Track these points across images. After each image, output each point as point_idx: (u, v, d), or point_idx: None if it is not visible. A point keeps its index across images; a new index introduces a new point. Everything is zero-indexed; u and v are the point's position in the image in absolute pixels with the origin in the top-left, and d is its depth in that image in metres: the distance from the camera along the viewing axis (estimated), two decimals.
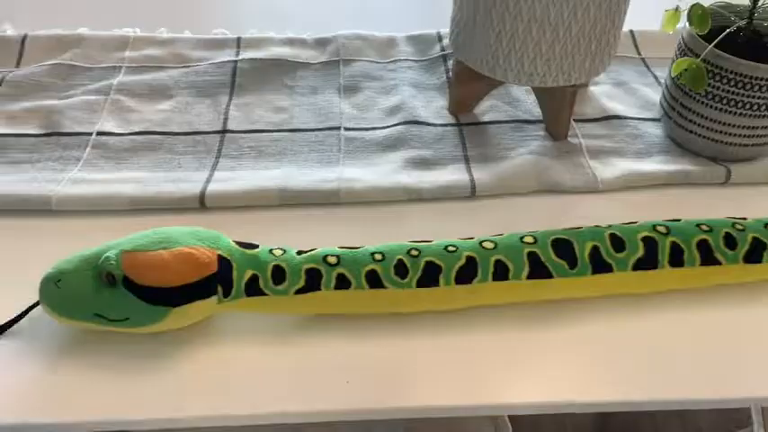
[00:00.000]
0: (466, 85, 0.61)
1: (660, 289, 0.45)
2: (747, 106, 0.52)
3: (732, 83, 0.52)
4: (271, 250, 0.43)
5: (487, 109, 0.63)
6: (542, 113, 0.61)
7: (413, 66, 0.68)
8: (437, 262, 0.43)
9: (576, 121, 0.61)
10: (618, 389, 0.41)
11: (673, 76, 0.54)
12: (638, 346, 0.44)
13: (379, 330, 0.44)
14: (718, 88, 0.52)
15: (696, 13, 0.51)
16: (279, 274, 0.42)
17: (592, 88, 0.66)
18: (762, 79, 0.51)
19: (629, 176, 0.55)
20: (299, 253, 0.43)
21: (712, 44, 0.51)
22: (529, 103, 0.63)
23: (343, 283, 0.42)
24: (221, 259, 0.41)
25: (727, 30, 0.53)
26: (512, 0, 0.51)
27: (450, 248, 0.43)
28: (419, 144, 0.58)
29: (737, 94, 0.52)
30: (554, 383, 0.41)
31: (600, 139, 0.59)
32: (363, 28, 0.72)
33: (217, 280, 0.40)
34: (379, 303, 0.43)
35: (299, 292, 0.41)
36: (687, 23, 0.54)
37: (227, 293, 0.41)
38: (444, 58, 0.69)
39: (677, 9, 0.57)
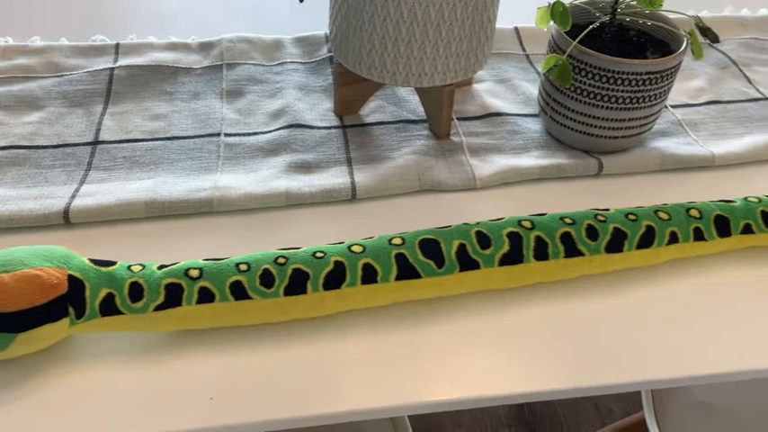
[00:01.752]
0: (350, 86, 0.61)
1: (528, 282, 0.46)
2: (613, 100, 0.54)
3: (597, 78, 0.53)
4: (129, 266, 0.41)
5: (373, 110, 0.63)
6: (425, 113, 0.61)
7: (299, 68, 0.67)
8: (305, 269, 0.42)
9: (458, 119, 0.62)
10: (511, 382, 0.42)
11: (542, 72, 0.55)
12: (525, 338, 0.44)
13: (246, 342, 0.43)
14: (584, 83, 0.54)
15: (558, 11, 0.52)
16: (136, 292, 0.40)
17: (475, 86, 0.67)
18: (624, 73, 0.53)
19: (505, 173, 0.56)
20: (162, 267, 0.42)
21: (576, 40, 0.53)
22: (414, 103, 0.64)
23: (206, 296, 0.41)
24: (72, 279, 0.39)
25: (591, 26, 0.54)
26: (379, 2, 0.51)
27: (319, 254, 0.43)
28: (302, 148, 0.58)
29: (602, 88, 0.53)
30: (431, 383, 0.42)
31: (481, 137, 0.60)
32: (256, 30, 0.71)
33: (68, 301, 0.39)
34: (245, 315, 0.42)
35: (158, 308, 0.40)
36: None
37: (79, 315, 0.39)
38: (331, 59, 0.68)
39: (548, 6, 0.59)
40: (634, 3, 0.57)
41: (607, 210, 0.48)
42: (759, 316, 0.46)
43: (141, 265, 0.42)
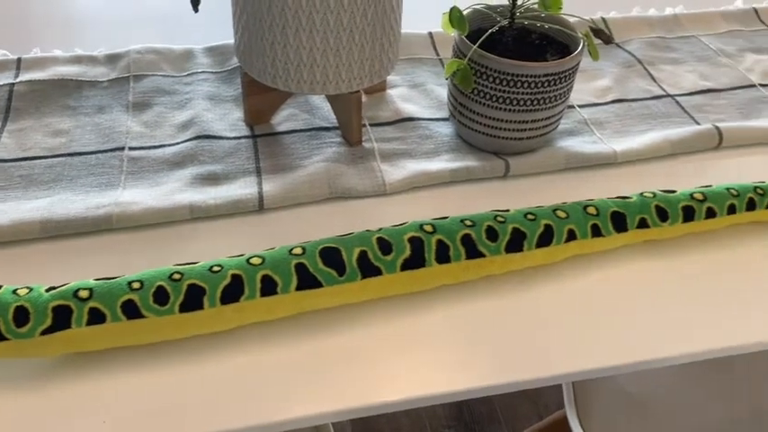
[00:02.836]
0: (258, 96, 0.60)
1: (432, 286, 0.47)
2: (514, 102, 0.55)
3: (497, 81, 0.54)
4: (15, 290, 0.40)
5: (285, 118, 0.62)
6: (337, 120, 0.61)
7: (210, 78, 0.66)
8: (201, 284, 0.41)
9: (371, 125, 0.62)
10: (422, 384, 0.42)
11: (445, 77, 0.56)
12: (434, 340, 0.45)
13: (146, 361, 0.42)
14: (486, 87, 0.55)
15: (455, 16, 0.53)
16: (22, 316, 0.39)
17: (389, 91, 0.67)
18: (523, 76, 0.54)
19: (415, 177, 0.56)
20: (51, 290, 0.40)
21: (476, 45, 0.54)
22: (326, 110, 0.64)
23: (96, 317, 0.40)
24: None
25: (490, 30, 0.55)
26: (276, 9, 0.51)
27: (216, 268, 0.42)
28: (209, 159, 0.57)
29: (503, 91, 0.54)
30: (342, 389, 0.42)
31: (392, 142, 0.60)
32: (169, 41, 0.69)
33: None
34: (140, 334, 0.41)
35: (45, 332, 0.39)
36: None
37: None
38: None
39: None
40: (535, 6, 0.58)
41: (507, 210, 0.49)
42: (656, 306, 0.48)
43: (28, 288, 0.40)
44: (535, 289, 0.49)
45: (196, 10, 0.52)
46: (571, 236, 0.48)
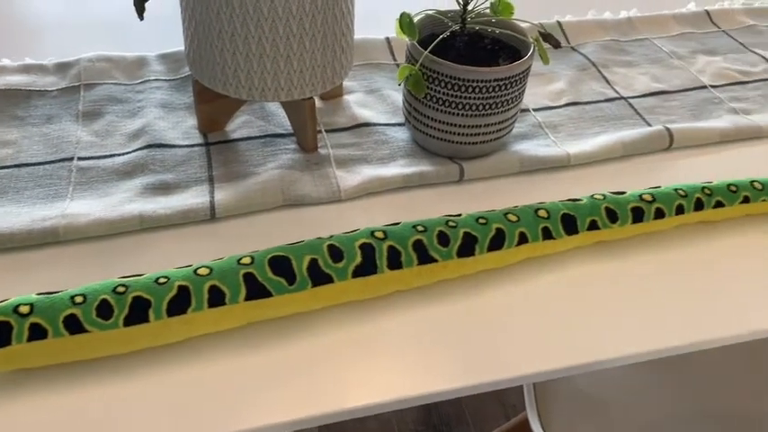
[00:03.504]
0: (210, 103, 0.59)
1: (384, 292, 0.47)
2: (467, 107, 0.55)
3: (449, 86, 0.54)
4: None
5: (240, 125, 0.62)
6: (292, 127, 0.61)
7: (163, 85, 0.65)
8: (146, 296, 0.41)
9: (327, 131, 0.62)
10: (380, 390, 0.42)
11: (398, 83, 0.56)
12: (389, 346, 0.45)
13: (92, 377, 0.41)
14: (438, 92, 0.55)
15: (405, 22, 0.53)
16: None
17: (346, 97, 0.67)
18: (474, 81, 0.54)
19: (370, 182, 0.56)
20: None
21: (427, 50, 0.54)
22: (282, 117, 0.63)
23: (37, 333, 0.39)
24: None
25: (441, 36, 0.56)
26: (225, 17, 0.50)
27: (162, 280, 0.42)
28: (161, 168, 0.56)
29: (455, 96, 0.55)
30: (296, 398, 0.41)
31: (348, 148, 0.60)
32: (122, 49, 0.68)
33: None
34: (83, 349, 0.40)
35: None
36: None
37: None
38: None
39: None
40: (487, 11, 0.59)
41: (459, 215, 0.49)
42: (609, 306, 0.49)
43: None
44: (488, 293, 0.49)
45: (141, 18, 0.51)
46: (522, 239, 0.49)
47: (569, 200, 0.52)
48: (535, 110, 0.67)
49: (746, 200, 0.54)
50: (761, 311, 0.49)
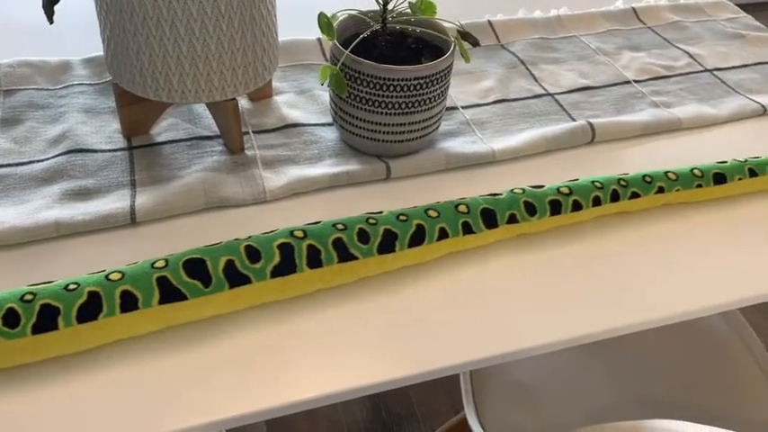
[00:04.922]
0: (132, 106, 0.59)
1: (305, 291, 0.47)
2: (390, 106, 0.56)
3: (371, 85, 0.55)
4: None
5: (165, 128, 0.61)
6: (218, 128, 0.61)
7: (87, 90, 0.64)
8: (55, 304, 0.40)
9: (255, 132, 0.62)
10: (311, 387, 0.42)
11: (320, 83, 0.56)
12: (314, 344, 0.45)
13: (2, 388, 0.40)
14: (361, 91, 0.55)
15: (323, 22, 0.53)
16: None
17: (275, 98, 0.67)
18: (395, 80, 0.54)
19: (296, 183, 0.56)
20: None
21: (348, 50, 0.54)
22: (209, 119, 0.63)
23: None
24: None
25: (361, 36, 0.56)
26: (138, 19, 0.50)
27: (72, 286, 0.41)
28: (81, 174, 0.55)
29: (377, 95, 0.55)
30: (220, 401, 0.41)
31: (276, 149, 0.60)
32: (47, 54, 0.67)
33: None
34: None
35: None
36: None
37: None
38: None
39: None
40: (408, 11, 0.59)
41: (380, 213, 0.50)
42: (531, 297, 0.50)
43: None
44: (410, 288, 0.50)
45: (51, 21, 0.50)
46: (443, 234, 0.49)
47: (489, 194, 0.53)
48: (464, 107, 0.68)
49: (661, 190, 0.56)
50: (666, 297, 0.51)
